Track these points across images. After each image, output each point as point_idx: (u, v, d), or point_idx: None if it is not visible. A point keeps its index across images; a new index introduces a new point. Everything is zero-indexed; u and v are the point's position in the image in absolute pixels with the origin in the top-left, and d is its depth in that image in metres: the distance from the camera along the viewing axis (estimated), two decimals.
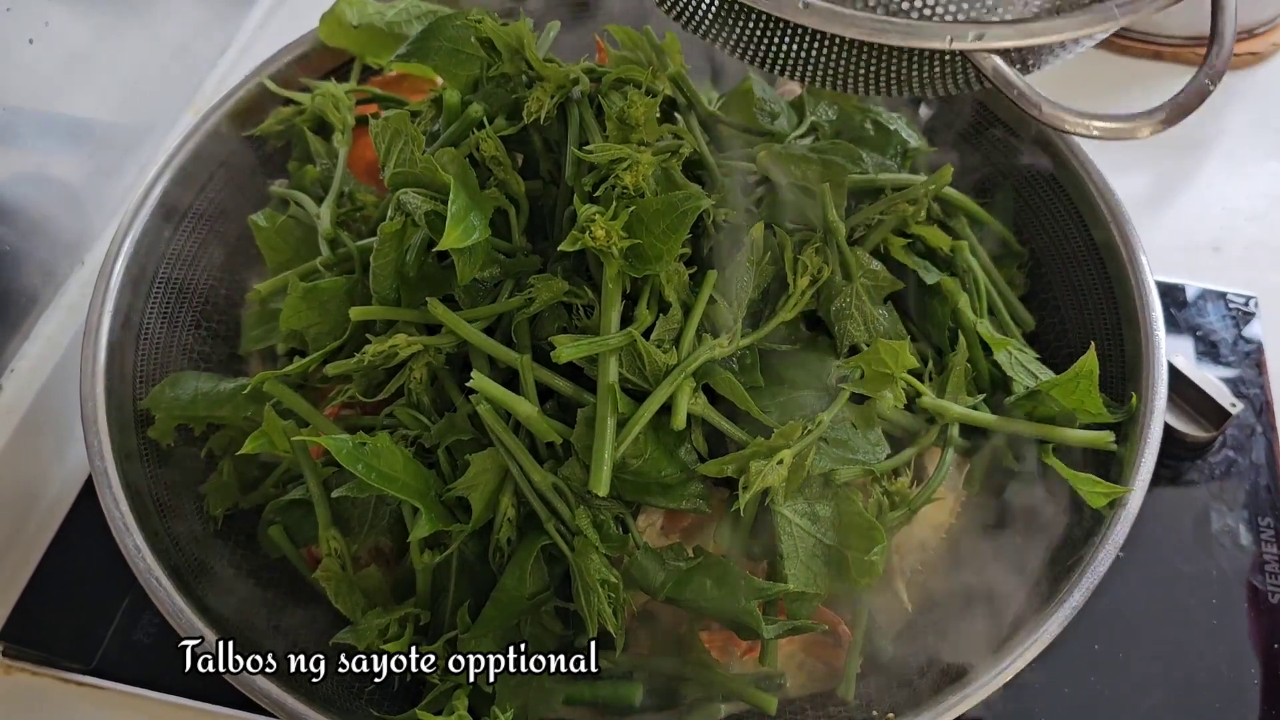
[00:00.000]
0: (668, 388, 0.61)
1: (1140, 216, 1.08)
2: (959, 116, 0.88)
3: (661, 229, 0.61)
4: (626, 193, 0.62)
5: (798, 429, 0.62)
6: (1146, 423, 0.68)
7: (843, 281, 0.69)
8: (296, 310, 0.70)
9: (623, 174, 0.62)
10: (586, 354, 0.61)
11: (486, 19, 0.72)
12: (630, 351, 0.61)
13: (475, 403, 0.62)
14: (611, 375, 0.61)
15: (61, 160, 0.95)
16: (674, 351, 0.63)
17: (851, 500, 0.64)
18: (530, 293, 0.65)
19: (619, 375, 0.61)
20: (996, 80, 0.51)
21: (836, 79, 0.56)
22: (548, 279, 0.65)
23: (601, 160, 0.64)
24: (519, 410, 0.61)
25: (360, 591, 0.68)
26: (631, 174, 0.62)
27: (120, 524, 0.65)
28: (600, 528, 0.62)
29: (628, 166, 0.63)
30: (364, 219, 0.78)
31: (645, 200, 0.62)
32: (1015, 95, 0.51)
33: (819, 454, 0.64)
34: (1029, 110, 0.52)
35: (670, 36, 0.76)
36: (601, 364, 0.61)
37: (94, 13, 0.96)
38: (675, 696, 0.68)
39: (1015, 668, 0.60)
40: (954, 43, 0.49)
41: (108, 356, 0.72)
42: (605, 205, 0.61)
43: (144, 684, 0.77)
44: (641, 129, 0.66)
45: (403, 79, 0.89)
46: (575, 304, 0.65)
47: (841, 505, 0.64)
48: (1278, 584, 0.82)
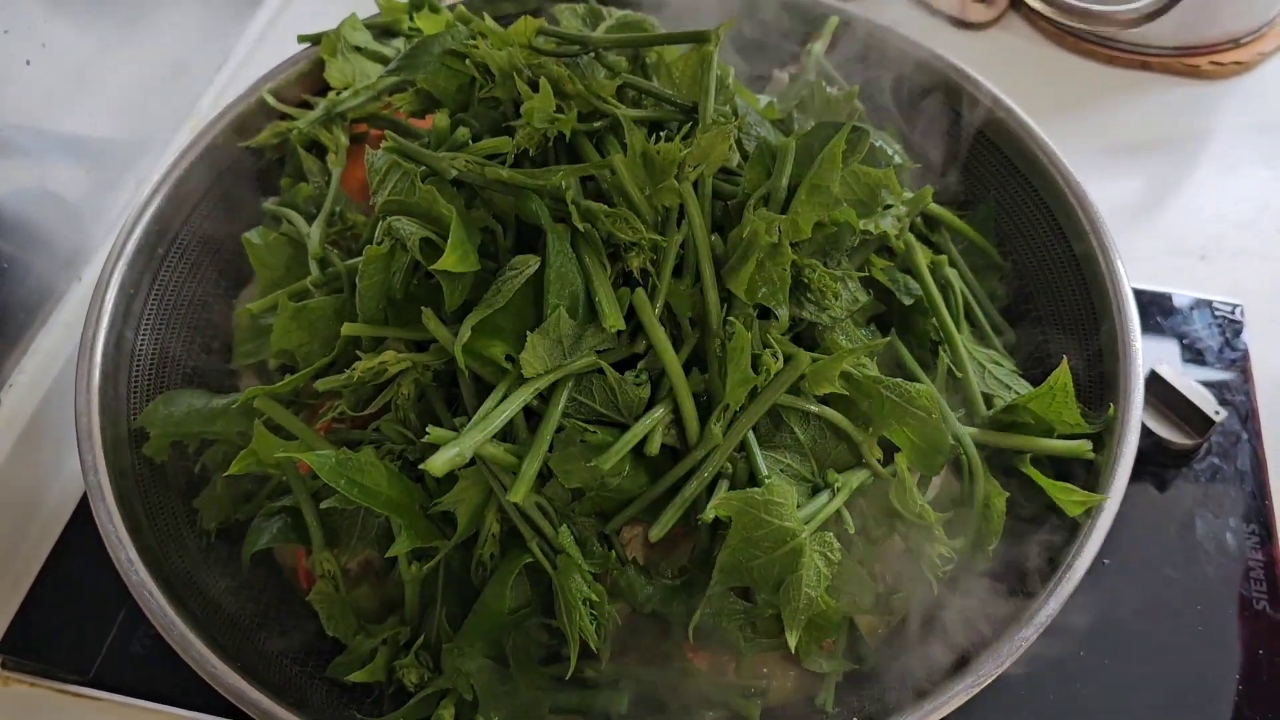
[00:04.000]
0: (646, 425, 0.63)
1: (1128, 224, 1.10)
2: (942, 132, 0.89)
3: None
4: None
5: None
6: (1123, 432, 0.68)
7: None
8: (286, 330, 0.71)
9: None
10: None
11: (480, 42, 0.73)
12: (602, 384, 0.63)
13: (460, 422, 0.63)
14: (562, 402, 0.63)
15: (60, 176, 0.96)
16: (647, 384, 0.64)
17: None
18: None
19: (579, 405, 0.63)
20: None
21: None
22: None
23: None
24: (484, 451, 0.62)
25: (353, 613, 0.69)
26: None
27: (114, 538, 0.66)
28: (583, 544, 0.64)
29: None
30: (354, 237, 0.79)
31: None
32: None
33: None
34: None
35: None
36: (559, 390, 0.63)
37: (91, 31, 0.97)
38: (661, 705, 0.69)
39: (992, 675, 0.61)
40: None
41: (102, 372, 0.74)
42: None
43: (140, 694, 0.78)
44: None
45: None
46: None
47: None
48: (1263, 590, 0.83)
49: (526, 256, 0.64)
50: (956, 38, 1.27)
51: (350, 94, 0.84)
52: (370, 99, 0.84)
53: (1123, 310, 0.74)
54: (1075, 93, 1.22)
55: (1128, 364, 0.72)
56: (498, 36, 0.73)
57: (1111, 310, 0.75)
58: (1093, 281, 0.77)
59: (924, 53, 0.89)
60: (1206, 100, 1.21)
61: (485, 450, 0.60)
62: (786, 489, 0.61)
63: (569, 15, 0.81)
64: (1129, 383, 0.71)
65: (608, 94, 0.71)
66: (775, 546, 0.61)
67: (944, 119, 0.89)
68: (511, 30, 0.73)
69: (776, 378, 0.64)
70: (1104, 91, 1.22)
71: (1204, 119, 1.19)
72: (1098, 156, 1.14)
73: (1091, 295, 0.78)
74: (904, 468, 0.66)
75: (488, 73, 0.74)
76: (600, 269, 0.64)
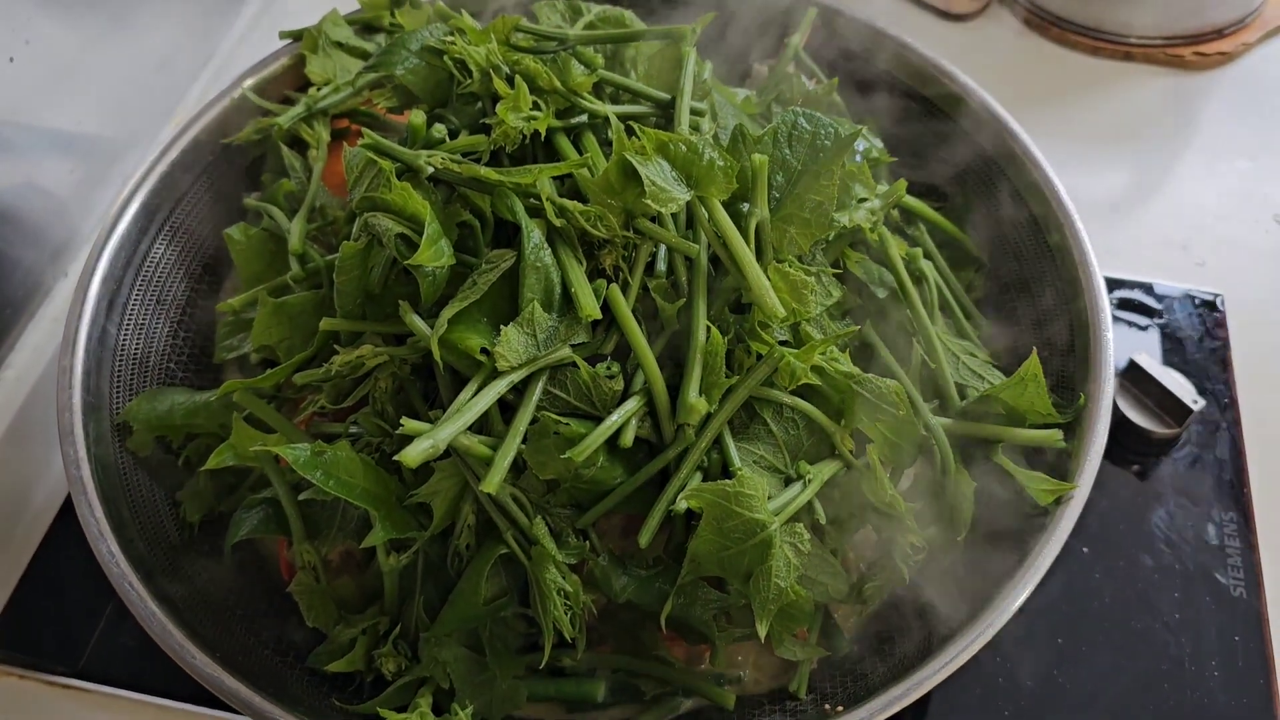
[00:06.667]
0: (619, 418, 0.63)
1: (1111, 214, 1.10)
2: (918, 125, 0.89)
3: None
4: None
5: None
6: (1093, 422, 0.69)
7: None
8: (267, 326, 0.72)
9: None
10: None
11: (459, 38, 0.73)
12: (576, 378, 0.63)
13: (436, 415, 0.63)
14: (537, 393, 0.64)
15: (47, 171, 0.97)
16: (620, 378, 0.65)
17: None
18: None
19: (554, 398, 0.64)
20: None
21: None
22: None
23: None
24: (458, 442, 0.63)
25: (333, 604, 0.70)
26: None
27: (95, 531, 0.67)
28: (559, 535, 0.64)
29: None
30: (335, 233, 0.79)
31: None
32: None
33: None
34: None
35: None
36: (533, 383, 0.64)
37: (77, 27, 0.97)
38: (638, 692, 0.70)
39: (961, 659, 0.62)
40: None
41: (85, 367, 0.74)
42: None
43: (128, 686, 0.79)
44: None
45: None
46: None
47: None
48: (1239, 578, 0.84)
49: (503, 251, 0.65)
50: (941, 29, 1.27)
51: (331, 90, 0.85)
52: (350, 95, 0.84)
53: (1095, 300, 0.74)
54: (1059, 84, 1.22)
55: (1098, 353, 0.72)
56: (475, 33, 0.74)
57: (1084, 300, 0.75)
58: (1066, 272, 0.78)
59: (900, 45, 0.90)
60: (1190, 91, 1.21)
61: (460, 442, 0.61)
62: (757, 481, 0.62)
63: (548, 10, 0.82)
64: (1099, 371, 0.71)
65: (584, 90, 0.72)
66: (745, 538, 0.61)
67: (920, 112, 0.89)
68: (488, 27, 0.74)
69: (749, 374, 0.65)
70: (1088, 82, 1.22)
71: (1187, 110, 1.20)
72: (1081, 147, 1.15)
73: (1065, 285, 0.78)
74: (876, 459, 0.66)
75: (465, 69, 0.74)
76: (575, 263, 0.65)
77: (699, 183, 0.63)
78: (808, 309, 0.65)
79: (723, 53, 0.91)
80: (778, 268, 0.64)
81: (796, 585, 0.63)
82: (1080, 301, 0.75)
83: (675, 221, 0.68)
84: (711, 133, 0.73)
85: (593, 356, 0.65)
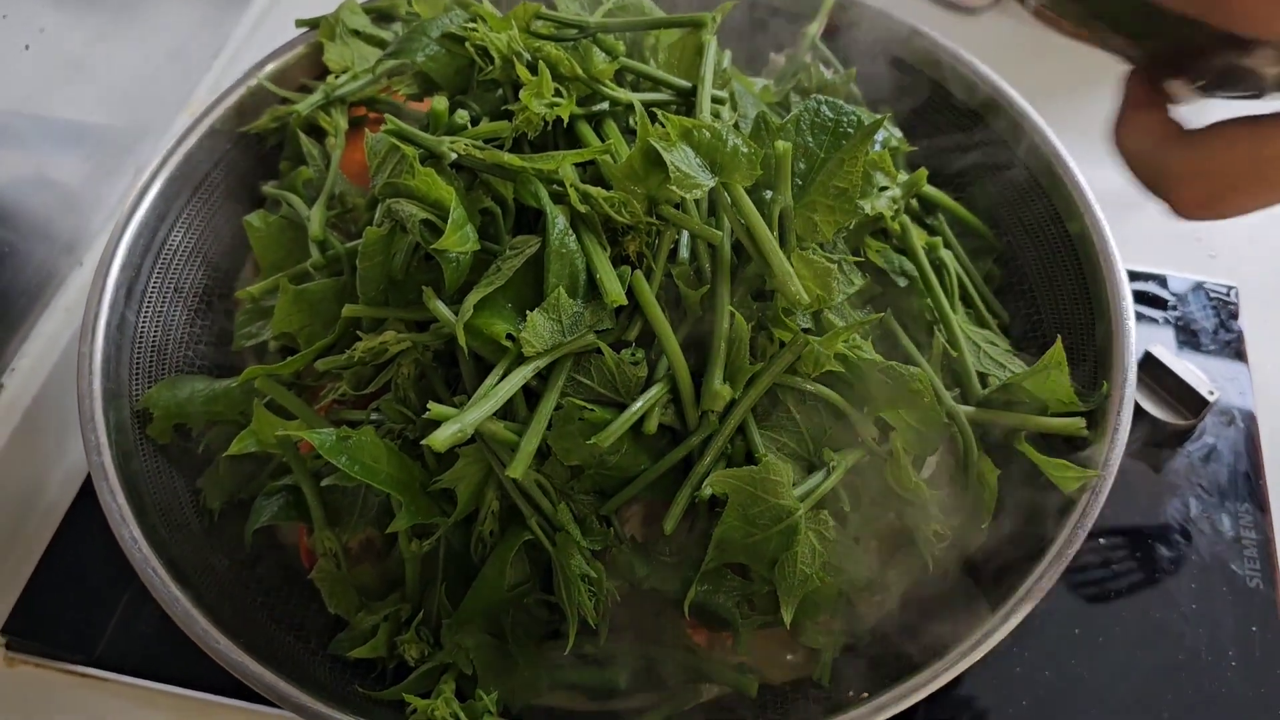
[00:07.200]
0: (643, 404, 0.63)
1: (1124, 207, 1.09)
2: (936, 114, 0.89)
3: None
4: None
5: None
6: (1117, 409, 0.69)
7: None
8: (288, 313, 0.71)
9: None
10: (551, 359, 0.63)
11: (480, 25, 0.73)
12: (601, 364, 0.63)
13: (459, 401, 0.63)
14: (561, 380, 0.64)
15: (60, 162, 0.96)
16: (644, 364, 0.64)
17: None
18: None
19: (578, 384, 0.64)
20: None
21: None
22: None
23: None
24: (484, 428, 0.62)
25: (354, 591, 0.70)
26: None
27: (117, 516, 0.67)
28: (582, 522, 0.64)
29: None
30: (353, 220, 0.79)
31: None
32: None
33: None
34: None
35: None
36: (558, 369, 0.64)
37: (89, 18, 0.97)
38: (660, 679, 0.70)
39: (985, 648, 0.62)
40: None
41: (104, 353, 0.74)
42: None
43: (145, 674, 0.79)
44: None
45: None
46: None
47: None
48: (1255, 569, 0.84)
49: (527, 237, 0.64)
50: (952, 22, 1.27)
51: (349, 77, 0.85)
52: (369, 83, 0.84)
53: (1116, 289, 0.74)
54: (1072, 76, 1.21)
55: (1122, 342, 0.72)
56: (495, 20, 0.74)
57: (1105, 289, 0.75)
58: (1087, 261, 0.78)
59: (918, 34, 0.89)
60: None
61: (486, 427, 0.61)
62: (783, 467, 0.62)
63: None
64: (1123, 360, 0.71)
65: (606, 78, 0.72)
66: (771, 524, 0.61)
67: (938, 101, 0.89)
68: (509, 14, 0.74)
69: (773, 361, 0.64)
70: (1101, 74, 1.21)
71: (1200, 102, 1.19)
72: (1095, 139, 1.13)
73: (1085, 275, 0.78)
74: (899, 446, 0.66)
75: (487, 56, 0.74)
76: (599, 249, 0.65)
77: (723, 169, 0.63)
78: (832, 296, 0.64)
79: (739, 41, 0.91)
80: (801, 254, 0.64)
81: (821, 572, 0.63)
82: (1102, 289, 0.75)
83: (698, 209, 0.68)
84: (733, 121, 0.73)
85: (616, 343, 0.65)
